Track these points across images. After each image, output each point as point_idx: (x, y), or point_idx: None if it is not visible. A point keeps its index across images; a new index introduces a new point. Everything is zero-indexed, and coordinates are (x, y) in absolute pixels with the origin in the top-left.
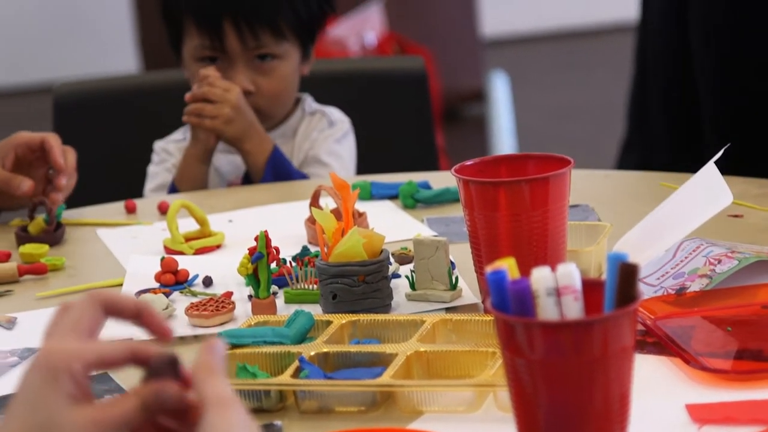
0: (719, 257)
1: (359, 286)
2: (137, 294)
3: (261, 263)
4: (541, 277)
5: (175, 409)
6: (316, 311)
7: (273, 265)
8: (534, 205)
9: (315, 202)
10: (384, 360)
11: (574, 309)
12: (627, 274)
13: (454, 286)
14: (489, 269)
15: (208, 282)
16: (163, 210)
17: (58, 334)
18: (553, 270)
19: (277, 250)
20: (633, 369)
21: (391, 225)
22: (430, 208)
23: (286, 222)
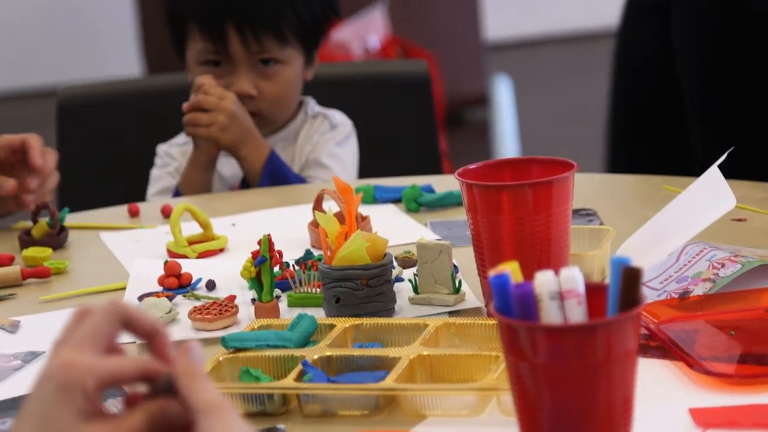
0: (723, 261)
1: (362, 289)
2: (140, 298)
3: (264, 267)
4: (545, 281)
5: (178, 426)
6: (319, 315)
7: (276, 269)
8: (537, 209)
9: (318, 205)
10: (387, 364)
11: (577, 313)
12: (630, 277)
13: (457, 289)
14: (492, 273)
15: (211, 285)
16: (167, 213)
17: (74, 342)
18: (557, 274)
19: (280, 253)
20: (636, 373)
21: (395, 228)
22: (433, 211)
23: (289, 225)
